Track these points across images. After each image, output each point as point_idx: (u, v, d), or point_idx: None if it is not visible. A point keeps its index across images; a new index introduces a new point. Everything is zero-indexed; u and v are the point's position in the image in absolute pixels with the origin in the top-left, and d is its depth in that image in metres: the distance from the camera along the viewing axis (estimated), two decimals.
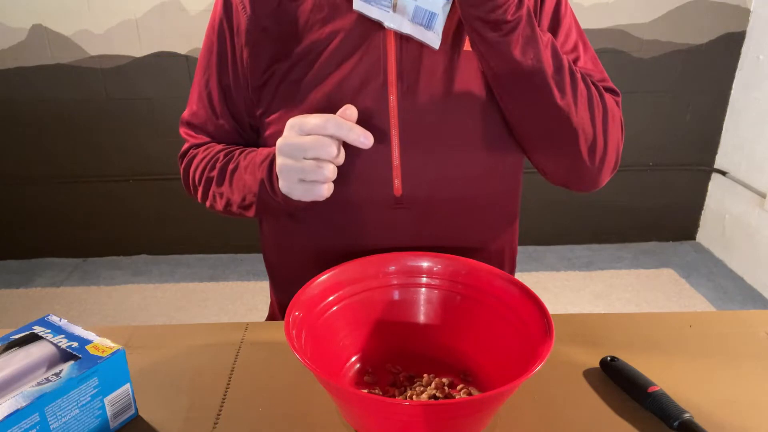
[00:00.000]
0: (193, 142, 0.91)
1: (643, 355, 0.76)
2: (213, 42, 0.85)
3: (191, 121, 0.91)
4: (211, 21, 0.86)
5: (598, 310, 2.47)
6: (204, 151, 0.89)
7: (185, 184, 0.93)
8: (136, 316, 2.50)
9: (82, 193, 2.83)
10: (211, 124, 0.89)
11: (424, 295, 0.77)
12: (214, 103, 0.87)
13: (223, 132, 0.89)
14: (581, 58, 0.83)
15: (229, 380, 0.73)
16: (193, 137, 0.91)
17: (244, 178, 0.81)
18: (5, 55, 2.57)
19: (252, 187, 0.80)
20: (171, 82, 2.61)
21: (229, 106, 0.87)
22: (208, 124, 0.89)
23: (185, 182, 0.93)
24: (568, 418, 0.66)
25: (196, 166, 0.88)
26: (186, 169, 0.91)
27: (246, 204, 0.82)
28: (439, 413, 0.56)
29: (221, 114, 0.87)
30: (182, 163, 0.93)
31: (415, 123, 0.79)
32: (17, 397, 0.56)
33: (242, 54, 0.82)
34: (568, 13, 0.83)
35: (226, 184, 0.84)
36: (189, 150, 0.92)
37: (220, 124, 0.88)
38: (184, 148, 0.93)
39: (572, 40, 0.83)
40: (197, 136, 0.90)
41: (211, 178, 0.86)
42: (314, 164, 0.69)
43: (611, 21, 2.59)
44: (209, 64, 0.86)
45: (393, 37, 0.77)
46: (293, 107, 0.79)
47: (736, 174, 2.74)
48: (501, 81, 0.74)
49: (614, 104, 0.81)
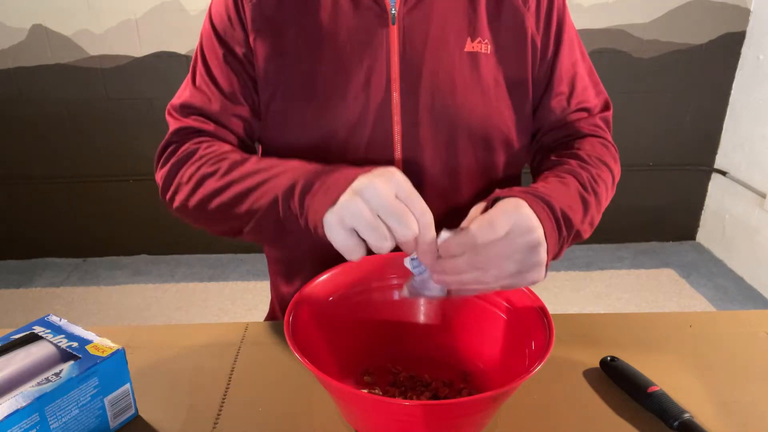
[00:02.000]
0: (181, 126, 0.80)
1: (643, 355, 0.76)
2: (218, 29, 0.81)
3: (189, 102, 0.80)
4: (211, 12, 0.82)
5: (598, 310, 2.47)
6: (208, 148, 0.77)
7: (165, 180, 0.79)
8: (136, 316, 2.50)
9: (82, 193, 2.83)
10: (217, 103, 0.79)
11: None
12: (221, 84, 0.80)
13: (229, 112, 0.80)
14: (579, 74, 0.86)
15: (229, 380, 0.73)
16: (181, 121, 0.80)
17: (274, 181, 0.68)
18: (5, 55, 2.58)
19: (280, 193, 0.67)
20: (171, 82, 2.61)
21: (236, 87, 0.80)
22: (213, 103, 0.79)
23: (167, 177, 0.78)
24: (568, 418, 0.66)
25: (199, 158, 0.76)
26: (178, 164, 0.77)
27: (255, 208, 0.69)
28: (439, 413, 0.56)
29: (229, 94, 0.80)
30: (169, 159, 0.79)
31: (417, 120, 0.79)
32: (17, 397, 0.56)
33: (249, 39, 0.79)
34: (570, 27, 0.86)
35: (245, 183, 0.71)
36: (179, 143, 0.79)
37: (227, 104, 0.80)
38: (169, 138, 0.80)
39: (574, 55, 0.86)
40: (188, 119, 0.80)
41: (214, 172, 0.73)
42: (384, 231, 0.57)
43: (611, 21, 2.59)
44: (214, 50, 0.81)
45: (396, 35, 0.78)
46: (296, 101, 0.79)
47: (736, 174, 2.74)
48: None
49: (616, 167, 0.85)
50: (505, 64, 0.81)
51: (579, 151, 0.82)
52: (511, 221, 0.60)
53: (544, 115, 0.86)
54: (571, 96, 0.86)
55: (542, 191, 0.68)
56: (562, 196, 0.70)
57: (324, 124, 0.80)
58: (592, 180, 0.77)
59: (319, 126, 0.80)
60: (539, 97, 0.86)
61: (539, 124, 0.88)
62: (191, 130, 0.80)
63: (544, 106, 0.86)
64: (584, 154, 0.81)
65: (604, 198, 0.79)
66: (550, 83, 0.85)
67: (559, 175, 0.76)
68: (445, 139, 0.81)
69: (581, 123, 0.86)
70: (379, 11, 0.78)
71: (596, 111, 0.88)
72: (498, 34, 0.81)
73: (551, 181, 0.74)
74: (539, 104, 0.86)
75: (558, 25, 0.84)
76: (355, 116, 0.79)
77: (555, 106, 0.85)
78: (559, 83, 0.85)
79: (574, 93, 0.86)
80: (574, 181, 0.75)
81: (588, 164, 0.80)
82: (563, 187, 0.73)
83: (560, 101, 0.85)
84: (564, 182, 0.74)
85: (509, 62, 0.81)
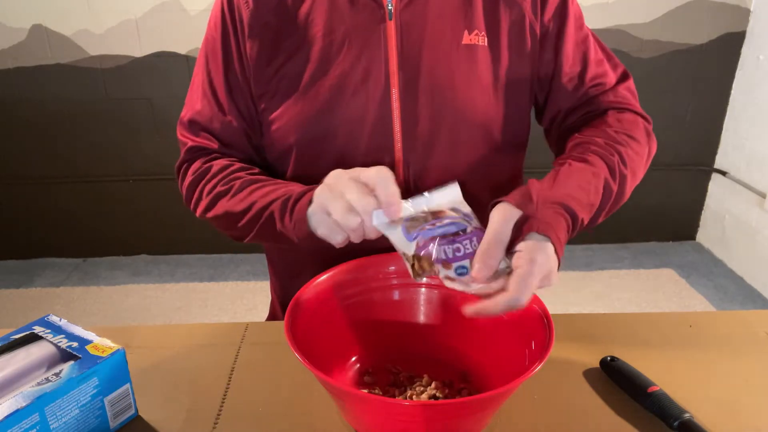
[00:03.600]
0: (192, 145, 0.85)
1: (643, 355, 0.76)
2: (216, 38, 0.83)
3: (195, 119, 0.85)
4: (212, 17, 0.84)
5: (598, 310, 2.47)
6: (219, 164, 0.83)
7: (186, 194, 0.86)
8: (136, 316, 2.50)
9: (82, 193, 2.83)
10: (218, 121, 0.84)
11: (424, 295, 0.77)
12: (220, 99, 0.83)
13: (230, 130, 0.84)
14: (590, 49, 0.86)
15: (229, 380, 0.73)
16: (192, 139, 0.85)
17: (270, 193, 0.76)
18: (5, 55, 2.58)
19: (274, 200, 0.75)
20: (171, 82, 2.61)
21: (236, 101, 0.83)
22: (214, 122, 0.84)
23: (188, 192, 0.86)
24: (568, 418, 0.66)
25: (212, 178, 0.82)
26: (194, 182, 0.84)
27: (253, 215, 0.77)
28: (439, 413, 0.56)
29: (228, 110, 0.83)
30: (187, 175, 0.85)
31: (417, 116, 0.79)
32: (17, 397, 0.56)
33: (245, 48, 0.81)
34: (574, 5, 0.85)
35: (245, 194, 0.78)
36: (191, 161, 0.85)
37: (228, 121, 0.83)
38: (184, 157, 0.86)
39: (582, 32, 0.86)
40: (198, 137, 0.85)
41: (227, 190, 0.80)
42: (348, 207, 0.64)
43: (611, 21, 2.59)
44: (213, 60, 0.84)
45: (393, 31, 0.78)
46: (296, 101, 0.80)
47: (736, 174, 2.74)
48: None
49: (650, 141, 0.84)
50: (504, 55, 0.81)
51: (606, 128, 0.80)
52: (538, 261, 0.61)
53: (558, 96, 0.85)
54: (584, 72, 0.84)
55: (562, 198, 0.68)
56: (584, 194, 0.70)
57: (324, 122, 0.80)
58: (621, 163, 0.76)
59: (319, 125, 0.80)
60: (549, 81, 0.85)
61: (556, 108, 0.86)
62: (200, 149, 0.85)
63: (557, 88, 0.85)
64: (611, 131, 0.79)
65: (631, 179, 0.78)
66: (558, 63, 0.83)
67: (586, 159, 0.75)
68: (445, 134, 0.81)
69: (602, 97, 0.85)
70: (375, 7, 0.78)
71: (616, 82, 0.86)
72: (495, 26, 0.80)
73: (576, 170, 0.73)
74: (552, 87, 0.85)
75: (559, 6, 0.83)
76: (355, 113, 0.79)
77: (567, 85, 0.84)
78: (568, 61, 0.84)
79: (588, 68, 0.84)
80: (603, 167, 0.74)
81: (617, 143, 0.78)
82: (589, 178, 0.72)
83: (572, 79, 0.84)
84: (594, 172, 0.73)
85: (508, 53, 0.81)
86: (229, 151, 0.85)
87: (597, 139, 0.78)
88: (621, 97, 0.85)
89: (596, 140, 0.78)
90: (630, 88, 0.87)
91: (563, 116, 0.87)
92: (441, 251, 0.62)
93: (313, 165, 0.82)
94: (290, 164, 0.84)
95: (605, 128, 0.80)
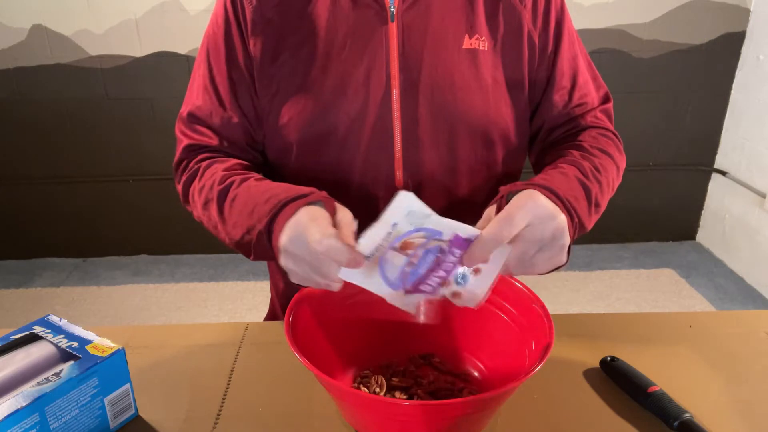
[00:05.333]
0: (188, 143, 0.84)
1: (643, 355, 0.76)
2: (219, 34, 0.82)
3: (194, 113, 0.83)
4: (215, 14, 0.84)
5: (598, 310, 2.47)
6: (207, 168, 0.81)
7: (182, 193, 0.85)
8: (136, 316, 2.50)
9: (82, 193, 2.83)
10: (218, 116, 0.83)
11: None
12: (222, 94, 0.83)
13: (230, 125, 0.83)
14: (580, 68, 0.87)
15: (229, 380, 0.73)
16: (189, 137, 0.84)
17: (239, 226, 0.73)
18: (5, 55, 2.58)
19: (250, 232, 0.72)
20: (171, 82, 2.61)
21: (238, 98, 0.83)
22: (214, 117, 0.83)
23: (183, 191, 0.85)
24: (568, 418, 0.66)
25: (199, 182, 0.81)
26: (187, 182, 0.83)
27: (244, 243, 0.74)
28: (439, 413, 0.56)
29: (230, 106, 0.83)
30: (182, 176, 0.84)
31: (417, 117, 0.80)
32: (17, 397, 0.56)
33: (248, 45, 0.81)
34: (568, 22, 0.86)
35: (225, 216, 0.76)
36: (188, 160, 0.84)
37: (228, 116, 0.83)
38: (181, 155, 0.85)
39: (574, 49, 0.87)
40: (196, 134, 0.83)
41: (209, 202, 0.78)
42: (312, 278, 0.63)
43: (611, 21, 2.59)
44: (215, 56, 0.83)
45: (395, 32, 0.78)
46: (297, 100, 0.80)
47: (736, 174, 2.74)
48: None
49: (620, 157, 0.85)
50: (503, 60, 0.82)
51: (581, 143, 0.83)
52: (530, 214, 0.61)
53: (547, 110, 0.87)
54: (573, 90, 0.86)
55: (544, 183, 0.68)
56: (565, 186, 0.71)
57: (325, 121, 0.80)
58: (594, 169, 0.77)
59: (320, 123, 0.80)
60: (541, 93, 0.86)
61: (542, 120, 0.88)
62: (197, 147, 0.84)
63: (547, 102, 0.86)
64: (586, 145, 0.82)
65: (607, 187, 0.79)
66: (552, 78, 0.85)
67: (559, 166, 0.77)
68: (444, 135, 0.81)
69: (583, 116, 0.87)
70: (378, 9, 0.78)
71: (597, 104, 0.89)
72: (495, 31, 0.81)
73: (551, 173, 0.74)
74: (542, 100, 0.87)
75: (557, 22, 0.84)
76: (356, 113, 0.79)
77: (558, 101, 0.86)
78: (561, 78, 0.85)
79: (576, 87, 0.87)
80: (575, 170, 0.75)
81: (590, 154, 0.80)
82: (563, 177, 0.73)
83: (562, 96, 0.86)
84: (563, 173, 0.74)
85: (507, 59, 0.82)
86: (227, 148, 0.84)
87: (573, 151, 0.81)
88: (599, 120, 0.88)
89: (573, 153, 0.80)
90: (608, 110, 0.90)
91: (546, 131, 0.89)
92: (433, 282, 0.61)
93: (313, 163, 0.82)
94: (290, 162, 0.84)
95: (582, 143, 0.83)
